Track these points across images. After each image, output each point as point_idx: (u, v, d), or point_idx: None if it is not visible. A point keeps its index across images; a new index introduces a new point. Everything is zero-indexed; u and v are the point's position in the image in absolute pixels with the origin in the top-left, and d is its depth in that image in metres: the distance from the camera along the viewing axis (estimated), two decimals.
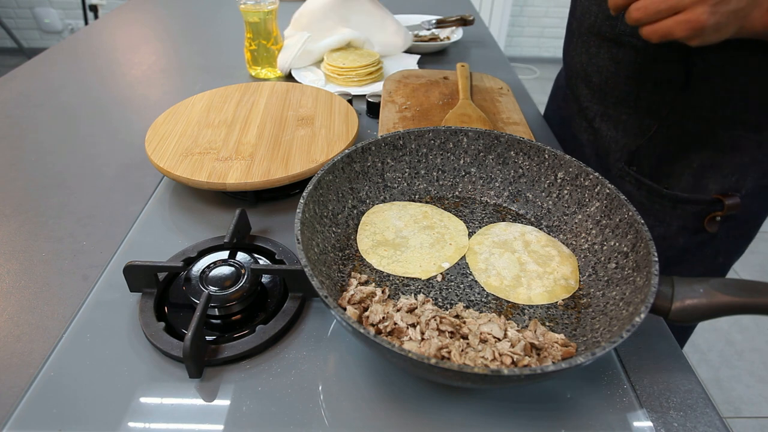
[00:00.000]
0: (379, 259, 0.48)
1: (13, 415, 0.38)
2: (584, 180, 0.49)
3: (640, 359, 0.43)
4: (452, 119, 0.66)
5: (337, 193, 0.50)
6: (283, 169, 0.58)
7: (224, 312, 0.44)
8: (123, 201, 0.60)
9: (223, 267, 0.47)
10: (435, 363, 0.31)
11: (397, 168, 0.55)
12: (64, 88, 0.88)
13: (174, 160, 0.59)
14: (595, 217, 0.48)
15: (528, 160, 0.53)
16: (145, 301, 0.45)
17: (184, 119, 0.68)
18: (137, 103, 0.84)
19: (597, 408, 0.39)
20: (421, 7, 1.28)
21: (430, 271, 0.47)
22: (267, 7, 0.85)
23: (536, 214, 0.53)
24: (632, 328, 0.34)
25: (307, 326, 0.45)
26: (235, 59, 0.99)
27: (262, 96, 0.74)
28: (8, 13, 3.23)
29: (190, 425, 0.37)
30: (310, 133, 0.65)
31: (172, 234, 0.55)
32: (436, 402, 0.39)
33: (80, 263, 0.51)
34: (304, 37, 0.89)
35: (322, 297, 0.35)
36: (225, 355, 0.41)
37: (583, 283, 0.46)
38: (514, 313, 0.43)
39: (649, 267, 0.39)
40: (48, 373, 0.40)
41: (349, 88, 0.86)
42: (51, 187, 0.63)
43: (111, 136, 0.74)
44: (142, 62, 0.99)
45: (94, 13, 2.80)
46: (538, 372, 0.31)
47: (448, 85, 0.76)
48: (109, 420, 0.37)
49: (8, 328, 0.45)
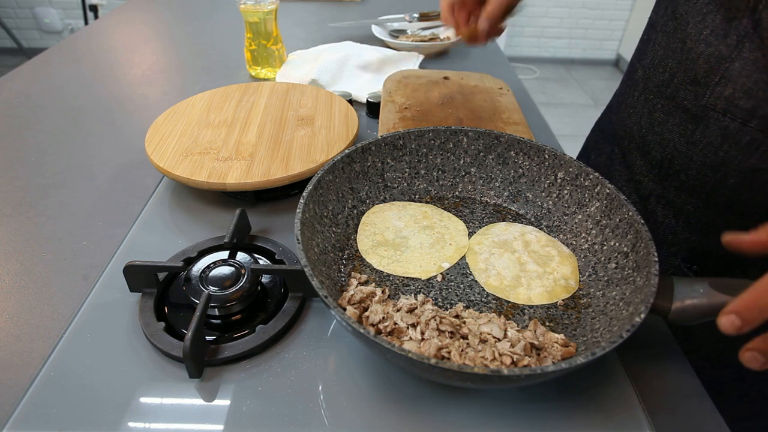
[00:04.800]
0: (379, 259, 0.48)
1: (13, 415, 0.38)
2: (584, 180, 0.49)
3: (640, 359, 0.43)
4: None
5: (337, 193, 0.50)
6: (283, 169, 0.58)
7: (224, 312, 0.44)
8: (123, 201, 0.60)
9: (223, 267, 0.47)
10: (435, 363, 0.31)
11: (397, 168, 0.55)
12: (64, 88, 0.88)
13: (174, 160, 0.59)
14: (595, 217, 0.48)
15: (528, 160, 0.53)
16: (145, 301, 0.45)
17: (184, 119, 0.68)
18: (137, 103, 0.84)
19: (597, 408, 0.39)
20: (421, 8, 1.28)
21: (430, 271, 0.47)
22: (267, 7, 0.85)
23: (536, 214, 0.53)
24: (632, 328, 0.34)
25: (307, 326, 0.45)
26: (235, 59, 0.99)
27: (262, 96, 0.74)
28: (8, 13, 3.23)
29: (190, 425, 0.37)
30: (310, 133, 0.65)
31: (172, 234, 0.55)
32: (436, 402, 0.39)
33: (80, 263, 0.51)
34: (310, 76, 0.87)
35: (322, 297, 0.35)
36: (225, 355, 0.41)
37: (583, 283, 0.46)
38: (514, 313, 0.43)
39: (649, 267, 0.39)
40: (48, 373, 0.40)
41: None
42: (51, 187, 0.63)
43: (111, 136, 0.74)
44: (142, 62, 0.99)
45: (94, 13, 2.80)
46: (538, 372, 0.31)
47: (448, 85, 0.76)
48: (109, 420, 0.37)
49: (8, 328, 0.45)
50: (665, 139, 0.53)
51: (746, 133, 0.44)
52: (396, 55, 0.99)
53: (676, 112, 0.51)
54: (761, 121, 0.43)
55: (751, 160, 0.45)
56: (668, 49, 0.51)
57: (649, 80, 0.54)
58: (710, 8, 0.46)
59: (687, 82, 0.49)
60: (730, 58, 0.44)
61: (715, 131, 0.47)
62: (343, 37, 1.06)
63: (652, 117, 0.54)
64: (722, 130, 0.46)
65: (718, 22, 0.45)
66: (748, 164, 0.46)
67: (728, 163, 0.47)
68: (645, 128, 0.55)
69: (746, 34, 0.43)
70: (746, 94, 0.43)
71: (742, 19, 0.43)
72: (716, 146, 0.47)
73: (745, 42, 0.43)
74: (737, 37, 0.43)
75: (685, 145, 0.50)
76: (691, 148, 0.50)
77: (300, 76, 0.87)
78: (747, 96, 0.43)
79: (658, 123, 0.53)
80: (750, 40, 0.42)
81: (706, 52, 0.46)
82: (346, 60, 0.91)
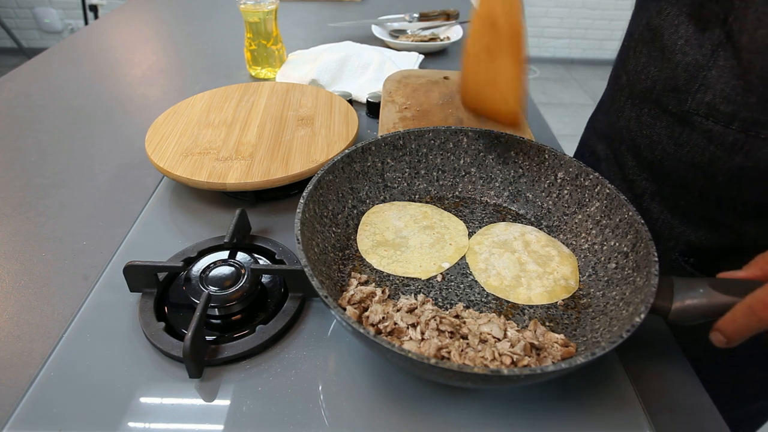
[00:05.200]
0: (379, 259, 0.48)
1: (13, 415, 0.38)
2: (584, 180, 0.49)
3: (640, 359, 0.43)
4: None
5: (337, 193, 0.50)
6: (283, 169, 0.58)
7: (224, 312, 0.44)
8: (123, 201, 0.60)
9: (223, 267, 0.47)
10: (435, 363, 0.31)
11: (397, 168, 0.55)
12: (64, 88, 0.88)
13: (174, 160, 0.59)
14: (595, 217, 0.48)
15: (528, 160, 0.53)
16: (145, 301, 0.45)
17: (184, 119, 0.68)
18: (137, 103, 0.84)
19: (597, 408, 0.39)
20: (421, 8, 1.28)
21: (430, 271, 0.47)
22: (267, 7, 0.85)
23: (536, 214, 0.53)
24: (632, 329, 0.34)
25: (307, 326, 0.45)
26: (235, 59, 0.99)
27: (262, 96, 0.74)
28: (8, 13, 3.23)
29: (190, 425, 0.37)
30: (310, 133, 0.65)
31: (172, 234, 0.55)
32: (436, 402, 0.39)
33: (80, 263, 0.51)
34: (310, 76, 0.87)
35: (322, 297, 0.35)
36: (225, 355, 0.41)
37: (583, 283, 0.46)
38: (514, 313, 0.43)
39: (649, 267, 0.39)
40: (48, 373, 0.40)
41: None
42: (51, 187, 0.63)
43: (111, 136, 0.74)
44: (142, 62, 0.99)
45: (94, 13, 2.80)
46: (538, 372, 0.31)
47: (448, 85, 0.76)
48: (109, 420, 0.37)
49: (8, 328, 0.45)
50: (654, 141, 0.54)
51: (729, 135, 0.46)
52: (396, 55, 0.99)
53: (663, 115, 0.52)
54: (742, 123, 0.45)
55: (737, 160, 0.46)
56: (649, 57, 0.52)
57: (633, 86, 0.56)
58: (681, 19, 0.47)
59: (669, 89, 0.50)
60: (707, 66, 0.45)
61: (700, 134, 0.48)
62: (343, 37, 1.06)
63: (639, 120, 0.55)
64: (706, 132, 0.48)
65: (691, 32, 0.46)
66: (734, 164, 0.47)
67: (715, 163, 0.48)
68: (634, 131, 0.56)
69: (720, 44, 0.44)
70: (725, 100, 0.45)
71: (714, 29, 0.44)
72: (702, 147, 0.48)
73: (719, 51, 0.44)
74: (711, 47, 0.45)
75: (674, 147, 0.51)
76: (679, 149, 0.51)
77: (300, 76, 0.87)
78: (726, 101, 0.45)
79: (646, 126, 0.54)
80: (724, 49, 0.44)
81: (684, 61, 0.47)
82: (346, 60, 0.91)
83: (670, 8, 0.48)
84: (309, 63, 0.91)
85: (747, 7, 0.41)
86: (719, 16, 0.43)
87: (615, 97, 0.60)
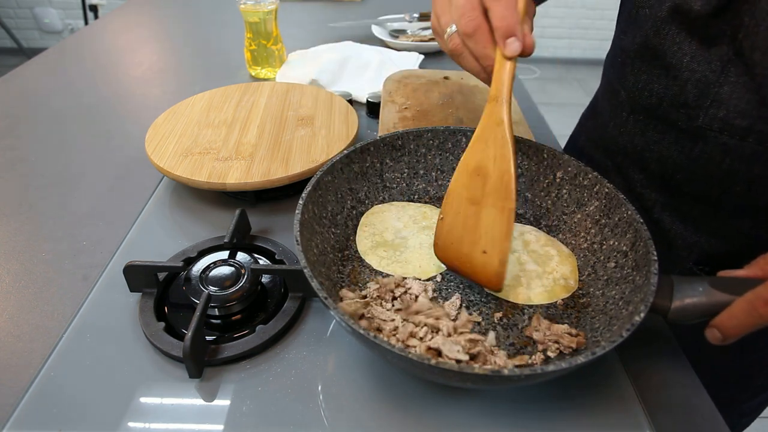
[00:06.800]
0: (379, 259, 0.48)
1: (13, 415, 0.38)
2: (583, 179, 0.49)
3: (640, 358, 0.43)
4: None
5: (336, 194, 0.50)
6: (283, 169, 0.58)
7: (224, 312, 0.44)
8: (123, 201, 0.60)
9: (223, 267, 0.47)
10: (435, 363, 0.31)
11: (396, 168, 0.55)
12: (64, 88, 0.88)
13: (174, 160, 0.59)
14: (594, 216, 0.48)
15: (527, 159, 0.53)
16: (145, 301, 0.45)
17: (184, 119, 0.68)
18: (137, 103, 0.84)
19: (597, 408, 0.39)
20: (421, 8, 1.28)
21: (430, 271, 0.47)
22: (267, 7, 0.85)
23: (535, 214, 0.53)
24: (632, 328, 0.34)
25: (307, 326, 0.45)
26: (235, 59, 0.99)
27: (262, 96, 0.74)
28: (8, 13, 3.23)
29: (190, 425, 0.37)
30: (310, 133, 0.65)
31: (172, 234, 0.55)
32: (436, 402, 0.39)
33: (80, 263, 0.51)
34: (310, 76, 0.87)
35: (321, 298, 0.35)
36: (225, 355, 0.41)
37: (582, 283, 0.46)
38: (513, 312, 0.43)
39: (649, 266, 0.39)
40: (48, 373, 0.41)
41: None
42: (51, 187, 0.63)
43: (111, 136, 0.74)
44: (142, 62, 0.99)
45: (94, 13, 2.80)
46: (538, 372, 0.31)
47: (448, 85, 0.76)
48: (109, 420, 0.37)
49: (8, 328, 0.45)
50: (663, 155, 0.52)
51: (746, 147, 0.45)
52: (396, 55, 0.99)
53: (671, 131, 0.50)
54: (759, 135, 0.44)
55: (756, 170, 0.45)
56: (650, 74, 0.50)
57: (635, 103, 0.54)
58: (683, 37, 0.46)
59: (678, 105, 0.48)
60: (718, 82, 0.44)
61: (714, 147, 0.47)
62: (343, 37, 1.06)
63: (645, 136, 0.53)
64: (722, 146, 0.46)
65: (696, 49, 0.45)
66: (753, 173, 0.46)
67: (733, 174, 0.47)
68: (640, 146, 0.55)
69: (729, 60, 0.43)
70: (740, 114, 0.44)
71: (721, 45, 0.43)
72: (718, 160, 0.47)
73: (729, 67, 0.43)
74: (720, 63, 0.44)
75: (686, 161, 0.50)
76: (692, 163, 0.49)
77: (300, 76, 0.87)
78: (741, 116, 0.44)
79: (653, 141, 0.53)
80: (734, 65, 0.43)
81: (692, 78, 0.46)
82: (346, 60, 0.91)
83: (668, 27, 0.47)
84: (309, 63, 0.91)
85: (758, 24, 0.40)
86: (726, 32, 0.43)
87: (616, 113, 0.58)
